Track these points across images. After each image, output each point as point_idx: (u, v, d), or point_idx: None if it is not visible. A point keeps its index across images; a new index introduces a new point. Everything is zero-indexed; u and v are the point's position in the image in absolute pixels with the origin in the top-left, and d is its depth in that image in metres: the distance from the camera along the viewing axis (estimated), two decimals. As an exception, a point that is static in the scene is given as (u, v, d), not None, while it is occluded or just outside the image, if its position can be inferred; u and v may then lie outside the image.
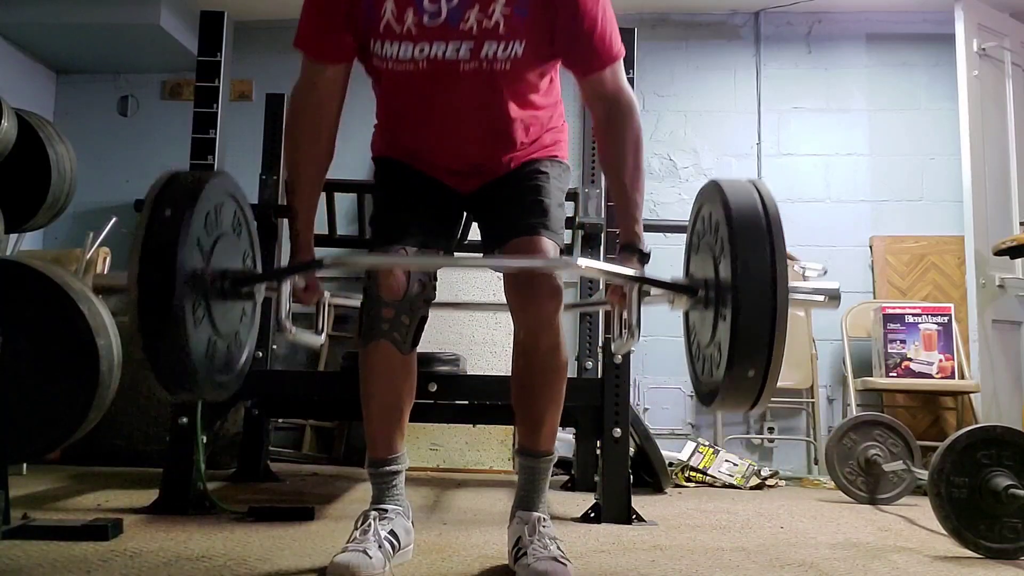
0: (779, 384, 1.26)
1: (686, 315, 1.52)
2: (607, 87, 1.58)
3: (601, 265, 1.54)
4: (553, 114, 1.75)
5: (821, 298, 1.40)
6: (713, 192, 1.33)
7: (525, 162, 1.72)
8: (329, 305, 1.71)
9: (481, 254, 1.92)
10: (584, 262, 1.46)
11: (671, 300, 1.47)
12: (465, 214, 1.87)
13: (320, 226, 2.60)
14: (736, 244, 1.23)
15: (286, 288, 1.46)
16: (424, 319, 1.67)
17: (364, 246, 3.02)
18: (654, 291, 1.48)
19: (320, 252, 1.68)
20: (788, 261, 1.26)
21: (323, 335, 1.68)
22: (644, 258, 1.59)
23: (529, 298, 1.60)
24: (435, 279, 1.70)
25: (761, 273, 1.21)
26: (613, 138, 1.59)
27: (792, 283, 1.26)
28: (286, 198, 1.70)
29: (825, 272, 1.50)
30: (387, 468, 1.68)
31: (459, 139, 1.67)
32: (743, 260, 1.22)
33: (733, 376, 1.22)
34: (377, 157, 1.79)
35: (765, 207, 1.26)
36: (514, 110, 1.64)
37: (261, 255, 1.60)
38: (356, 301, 1.82)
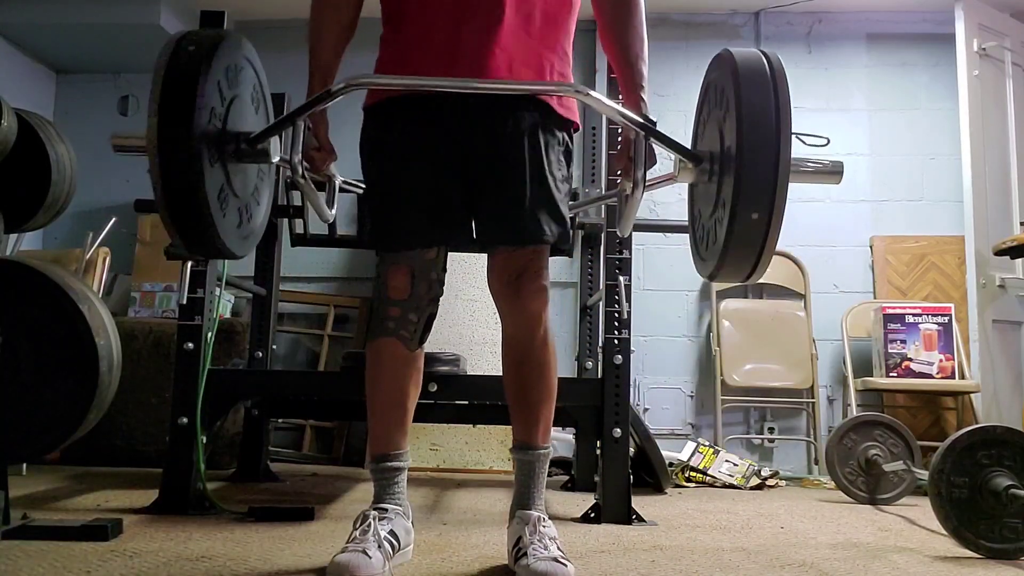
0: (779, 384, 1.25)
1: (690, 194, 1.51)
2: None
3: (610, 103, 1.56)
4: (562, 59, 1.69)
5: (826, 163, 1.43)
6: (723, 57, 1.36)
7: (533, 130, 1.62)
8: (337, 186, 1.73)
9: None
10: (594, 94, 1.47)
11: (676, 171, 1.49)
12: (468, 180, 1.72)
13: (320, 226, 2.60)
14: (741, 94, 1.25)
15: (300, 128, 1.49)
16: (433, 316, 1.69)
17: (364, 246, 3.01)
18: (656, 173, 1.51)
19: (320, 252, 1.68)
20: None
21: (334, 211, 1.70)
22: (650, 124, 1.60)
23: (516, 298, 1.64)
24: (443, 276, 1.70)
25: (766, 122, 1.24)
26: (616, 11, 1.65)
27: (798, 155, 1.28)
28: (309, 59, 1.70)
29: (828, 142, 1.51)
30: (389, 464, 1.68)
31: (467, 31, 1.59)
32: (748, 108, 1.24)
33: (737, 221, 1.23)
34: (371, 106, 1.68)
35: (771, 66, 1.30)
36: (525, 24, 1.61)
37: (260, 253, 1.60)
38: (360, 187, 1.82)
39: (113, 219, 3.54)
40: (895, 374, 3.67)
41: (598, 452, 2.42)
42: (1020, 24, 4.03)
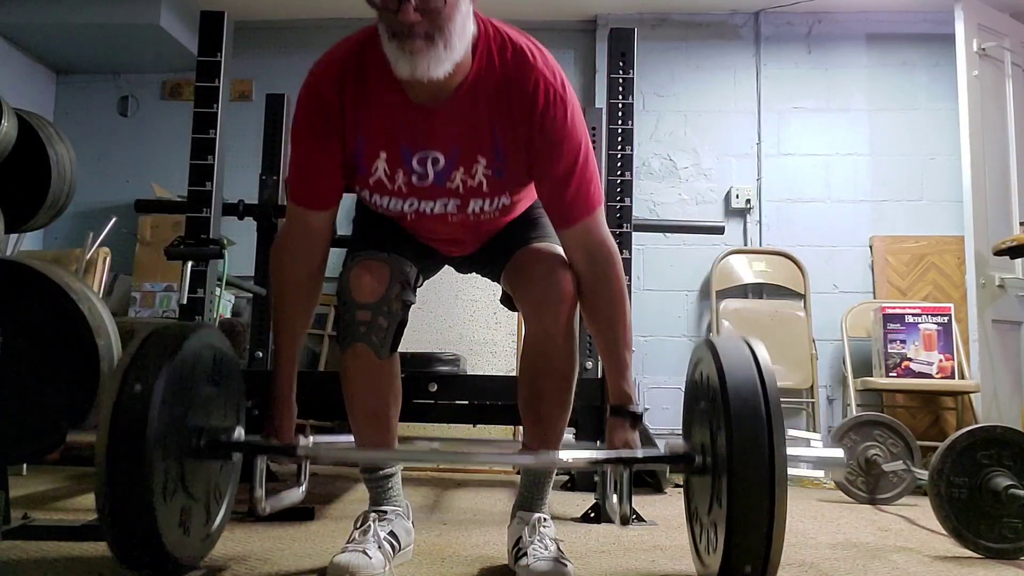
0: (779, 384, 1.25)
1: (686, 482, 1.50)
2: (588, 237, 1.53)
3: (589, 455, 1.52)
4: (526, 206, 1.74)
5: (821, 473, 1.38)
6: (708, 356, 1.33)
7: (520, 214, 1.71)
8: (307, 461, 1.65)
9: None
10: (569, 455, 1.44)
11: (667, 474, 1.45)
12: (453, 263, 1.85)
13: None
14: (732, 434, 1.21)
15: (260, 464, 1.45)
16: (403, 323, 1.60)
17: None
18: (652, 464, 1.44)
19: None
20: (788, 437, 1.23)
21: (303, 487, 1.62)
22: (636, 421, 1.52)
23: (544, 302, 1.54)
24: (419, 283, 1.68)
25: (758, 473, 1.19)
26: (595, 293, 1.54)
27: (793, 452, 1.23)
28: (272, 341, 1.66)
29: (827, 440, 1.48)
30: (380, 473, 1.67)
31: (449, 245, 1.70)
32: (740, 449, 1.20)
33: (730, 570, 1.21)
34: (364, 204, 1.70)
35: (764, 384, 1.24)
36: (503, 222, 1.66)
37: (258, 256, 1.59)
38: (334, 439, 1.82)
39: (113, 219, 3.54)
40: (895, 374, 3.67)
41: (598, 452, 2.42)
42: (1020, 24, 4.04)
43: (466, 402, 2.84)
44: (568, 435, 3.32)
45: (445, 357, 2.72)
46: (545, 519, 1.63)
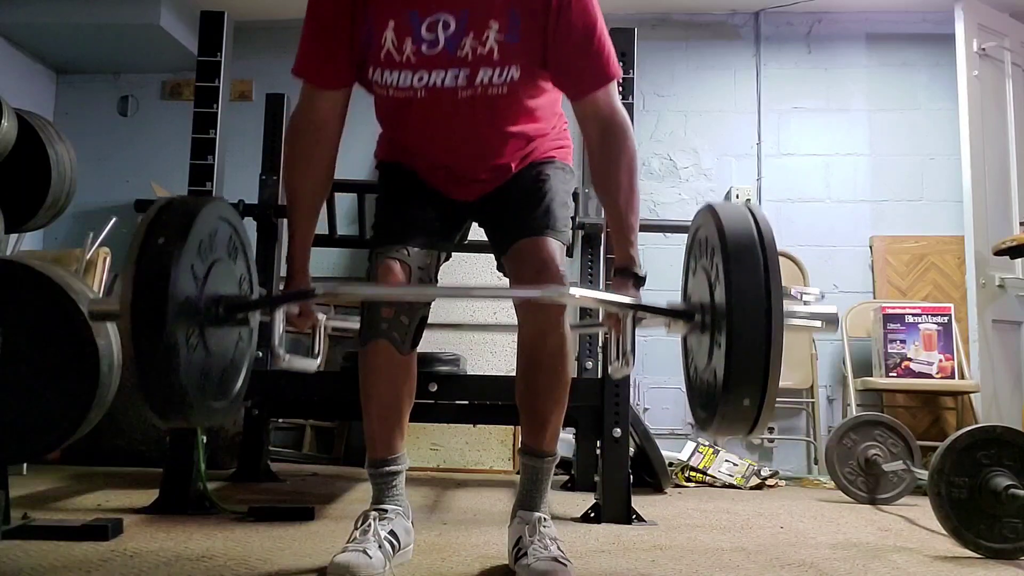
0: (779, 384, 1.26)
1: (684, 338, 1.52)
2: (601, 109, 1.56)
3: (595, 294, 1.54)
4: (554, 126, 1.76)
5: (818, 323, 1.40)
6: (708, 217, 1.34)
7: (526, 166, 1.72)
8: (325, 329, 1.69)
9: (485, 252, 1.91)
10: (578, 292, 1.45)
11: (668, 324, 1.47)
12: (467, 219, 1.87)
13: (320, 226, 2.60)
14: (730, 272, 1.23)
15: (279, 315, 1.46)
16: (424, 319, 1.67)
17: (364, 246, 3.01)
18: (650, 315, 1.47)
19: (320, 252, 1.68)
20: (784, 287, 1.25)
21: (319, 360, 1.66)
22: (640, 282, 1.57)
23: (538, 303, 1.59)
24: (437, 276, 1.70)
25: (755, 303, 1.21)
26: (607, 161, 1.57)
27: (789, 307, 1.26)
28: (287, 220, 1.69)
29: (823, 296, 1.48)
30: (387, 468, 1.68)
31: (459, 157, 1.68)
32: (737, 289, 1.22)
33: (729, 405, 1.23)
34: (382, 161, 1.80)
35: (760, 233, 1.26)
36: (513, 129, 1.65)
37: (259, 254, 1.60)
38: (353, 323, 1.82)
39: (113, 219, 3.54)
40: (895, 374, 3.67)
41: (598, 452, 2.42)
42: (1020, 24, 4.04)
43: (466, 402, 2.84)
44: (568, 435, 3.34)
45: (445, 357, 2.72)
46: (545, 519, 1.64)
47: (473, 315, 3.85)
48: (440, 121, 1.61)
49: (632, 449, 2.72)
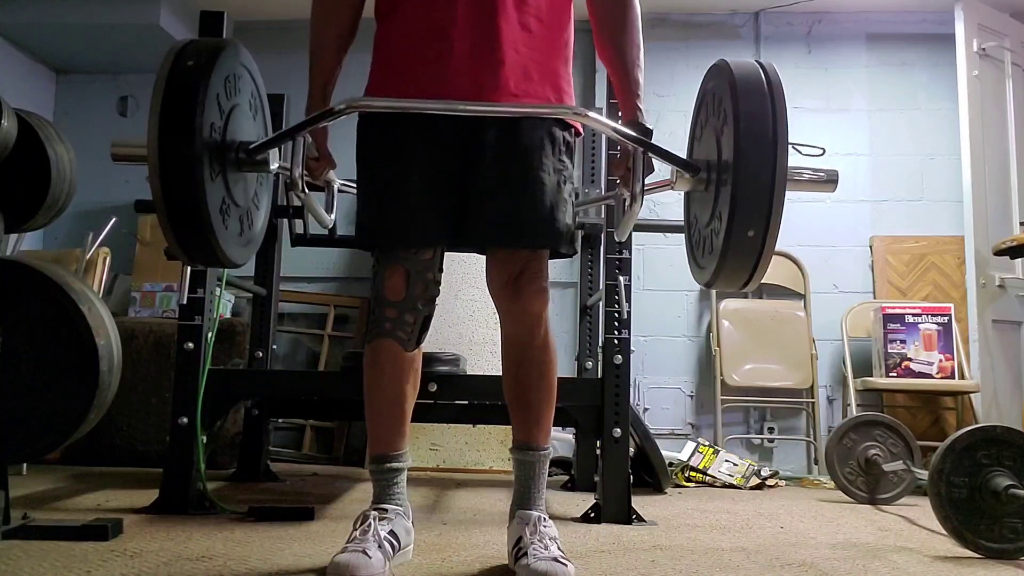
0: (779, 384, 1.26)
1: (687, 199, 1.52)
2: None
3: (608, 121, 1.57)
4: (556, 44, 1.66)
5: (821, 172, 1.43)
6: (719, 67, 1.37)
7: (526, 124, 1.60)
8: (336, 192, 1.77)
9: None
10: (592, 115, 1.47)
11: (673, 179, 1.49)
12: (462, 160, 1.68)
13: (320, 227, 2.60)
14: (739, 106, 1.26)
15: (300, 142, 1.50)
16: (429, 317, 1.68)
17: (358, 246, 3.01)
18: (655, 179, 1.51)
19: (320, 252, 1.68)
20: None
21: (333, 216, 1.72)
22: (647, 133, 1.60)
23: (516, 299, 1.64)
24: (439, 276, 1.69)
25: (763, 134, 1.24)
26: (610, 16, 1.63)
27: (793, 163, 1.29)
28: (309, 68, 1.71)
29: (823, 152, 1.48)
30: (389, 465, 1.68)
31: (459, 35, 1.58)
32: (746, 120, 1.25)
33: (733, 237, 1.24)
34: (365, 119, 1.67)
35: (768, 77, 1.30)
36: (519, 17, 1.59)
37: (261, 255, 1.61)
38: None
39: (113, 219, 3.54)
40: (895, 374, 3.67)
41: (598, 452, 2.42)
42: (1020, 24, 4.04)
43: (465, 402, 2.84)
44: (568, 435, 3.34)
45: (445, 357, 2.72)
46: (545, 519, 1.64)
47: (473, 315, 3.86)
48: (438, 7, 1.58)
49: (632, 449, 2.72)
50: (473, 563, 1.70)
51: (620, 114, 1.67)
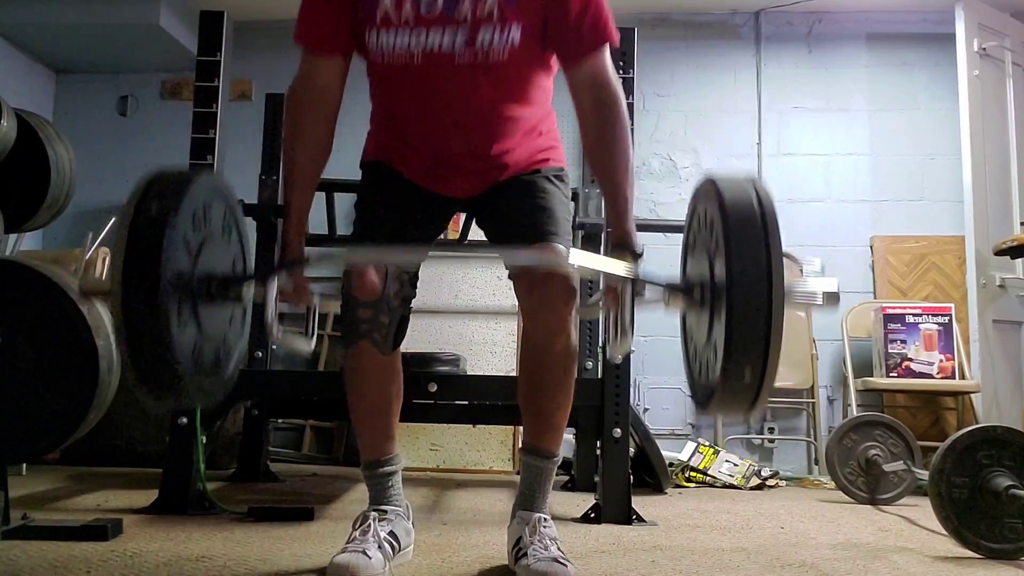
0: (779, 384, 1.26)
1: (683, 317, 1.51)
2: (595, 75, 1.54)
3: (595, 262, 1.50)
4: (547, 119, 1.73)
5: (819, 300, 1.39)
6: (709, 189, 1.31)
7: (525, 172, 1.67)
8: (319, 310, 1.67)
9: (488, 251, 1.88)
10: (577, 258, 1.43)
11: (666, 300, 1.45)
12: (455, 212, 1.81)
13: (320, 226, 2.60)
14: (731, 242, 1.21)
15: (273, 288, 1.44)
16: (405, 319, 1.64)
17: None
18: (649, 292, 1.45)
19: (320, 252, 1.66)
20: (786, 260, 1.24)
21: (313, 340, 1.65)
22: (637, 257, 1.56)
23: (545, 300, 1.56)
24: (415, 279, 1.68)
25: (756, 273, 1.19)
26: (600, 130, 1.55)
27: (789, 282, 1.24)
28: (283, 193, 1.66)
29: (823, 270, 1.47)
30: (381, 470, 1.68)
31: (452, 137, 1.63)
32: (738, 259, 1.20)
33: (728, 380, 1.21)
34: (366, 162, 1.75)
35: (761, 204, 1.24)
36: (507, 111, 1.62)
37: (259, 256, 1.58)
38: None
39: (113, 219, 3.54)
40: (895, 374, 3.67)
41: (598, 452, 2.42)
42: (1020, 24, 4.03)
43: (465, 402, 2.84)
44: (568, 435, 3.34)
45: (445, 357, 2.73)
46: (545, 519, 1.63)
47: (472, 319, 3.85)
48: (436, 93, 1.58)
49: (632, 449, 2.72)
50: (473, 563, 1.70)
51: (609, 232, 1.61)
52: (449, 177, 1.68)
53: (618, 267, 1.46)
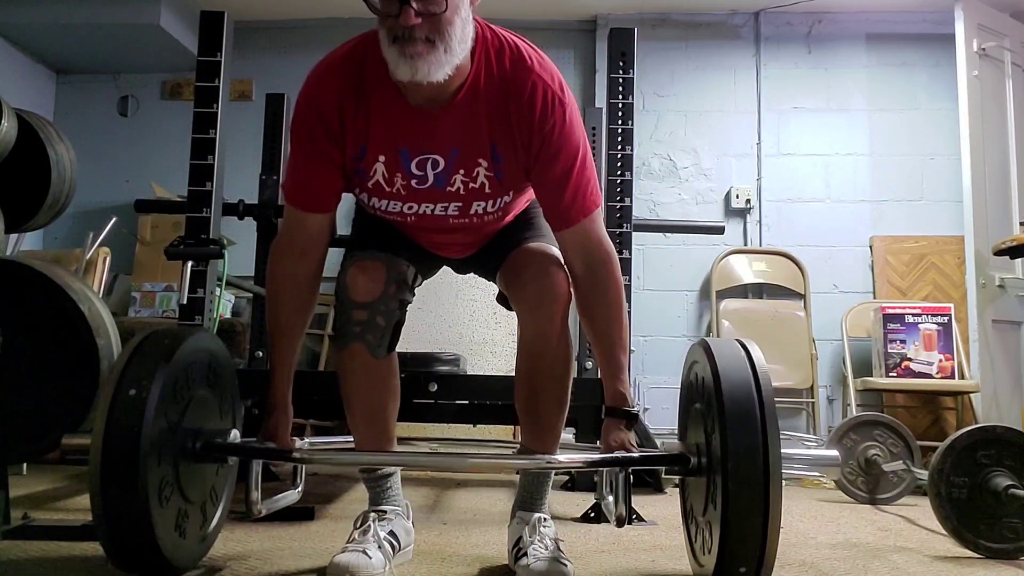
0: (779, 384, 1.26)
1: (682, 483, 1.51)
2: (585, 239, 1.52)
3: (585, 457, 1.55)
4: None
5: (817, 473, 1.39)
6: (703, 358, 1.33)
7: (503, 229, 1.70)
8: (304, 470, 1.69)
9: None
10: (566, 457, 1.45)
11: (662, 476, 1.47)
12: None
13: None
14: (727, 435, 1.22)
15: (256, 466, 1.44)
16: (400, 324, 1.61)
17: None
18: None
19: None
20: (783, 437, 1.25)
21: (299, 489, 1.64)
22: (632, 421, 1.53)
23: (538, 302, 1.55)
24: (418, 283, 1.68)
25: (753, 472, 1.20)
26: (592, 295, 1.54)
27: (788, 452, 1.24)
28: (270, 348, 1.64)
29: (822, 442, 1.47)
30: (379, 473, 1.67)
31: (446, 252, 1.71)
32: (735, 454, 1.21)
33: (725, 571, 1.23)
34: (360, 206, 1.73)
35: (758, 386, 1.25)
36: (502, 224, 1.65)
37: (260, 256, 1.58)
38: (334, 445, 1.82)
39: (113, 219, 3.54)
40: (895, 374, 3.67)
41: (598, 452, 2.42)
42: (1020, 24, 4.04)
43: (466, 402, 2.84)
44: (568, 435, 3.34)
45: (445, 357, 2.72)
46: (545, 519, 1.63)
47: (473, 315, 3.86)
48: (429, 233, 1.62)
49: (632, 449, 2.71)
50: (473, 563, 1.70)
51: (604, 393, 1.58)
52: (446, 255, 1.74)
53: (611, 456, 1.46)
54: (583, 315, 1.57)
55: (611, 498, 1.43)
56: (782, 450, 1.24)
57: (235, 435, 1.53)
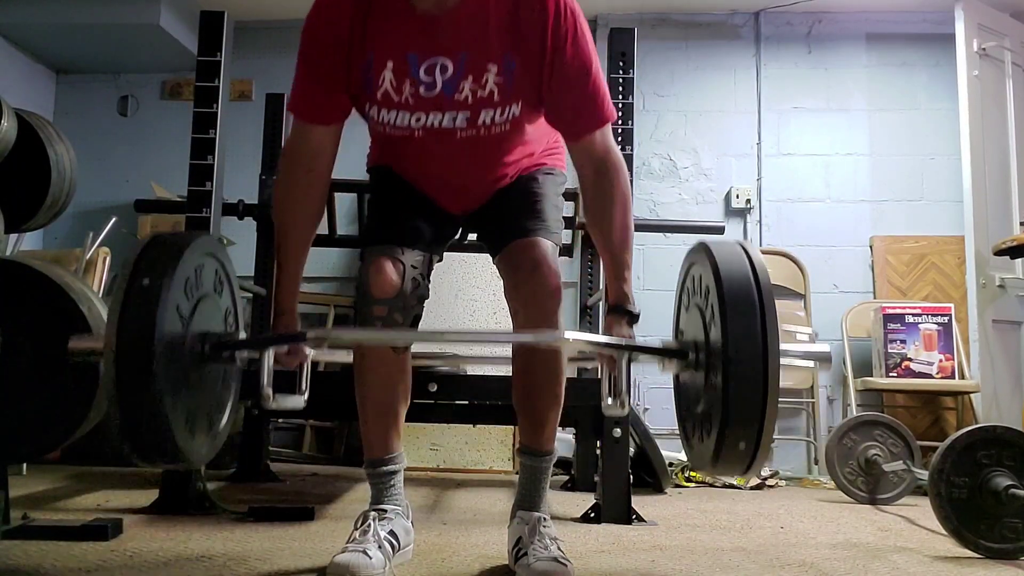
0: (779, 384, 1.26)
1: (676, 376, 1.51)
2: (596, 150, 1.54)
3: (589, 336, 1.55)
4: (547, 139, 1.75)
5: (811, 363, 1.40)
6: (702, 256, 1.34)
7: (517, 176, 1.72)
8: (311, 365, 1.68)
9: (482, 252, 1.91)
10: (572, 335, 1.45)
11: (662, 365, 1.47)
12: (459, 227, 1.87)
13: (320, 226, 2.60)
14: (727, 318, 1.23)
15: (268, 356, 1.45)
16: (418, 318, 1.66)
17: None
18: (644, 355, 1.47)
19: (320, 252, 1.68)
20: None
21: (305, 395, 1.64)
22: (634, 319, 1.55)
23: (531, 299, 1.59)
24: (429, 277, 1.70)
25: (752, 350, 1.22)
26: (600, 198, 1.56)
27: (783, 346, 1.25)
28: (276, 256, 1.65)
29: (816, 336, 1.50)
30: (384, 468, 1.68)
31: (455, 182, 1.69)
32: (734, 336, 1.22)
33: (724, 448, 1.24)
34: (373, 167, 1.78)
35: (756, 276, 1.26)
36: (510, 158, 1.66)
37: (260, 256, 1.58)
38: (341, 358, 1.83)
39: (113, 219, 3.54)
40: (895, 374, 3.67)
41: (598, 452, 2.42)
42: (1020, 24, 4.04)
43: (465, 402, 2.84)
44: (568, 435, 3.34)
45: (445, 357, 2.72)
46: (545, 519, 1.64)
47: (473, 315, 3.85)
48: (438, 157, 1.61)
49: (632, 449, 2.72)
50: (473, 563, 1.70)
51: (606, 295, 1.62)
52: (451, 202, 1.73)
53: (613, 339, 1.47)
54: (591, 220, 1.59)
55: (610, 400, 1.45)
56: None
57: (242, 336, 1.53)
